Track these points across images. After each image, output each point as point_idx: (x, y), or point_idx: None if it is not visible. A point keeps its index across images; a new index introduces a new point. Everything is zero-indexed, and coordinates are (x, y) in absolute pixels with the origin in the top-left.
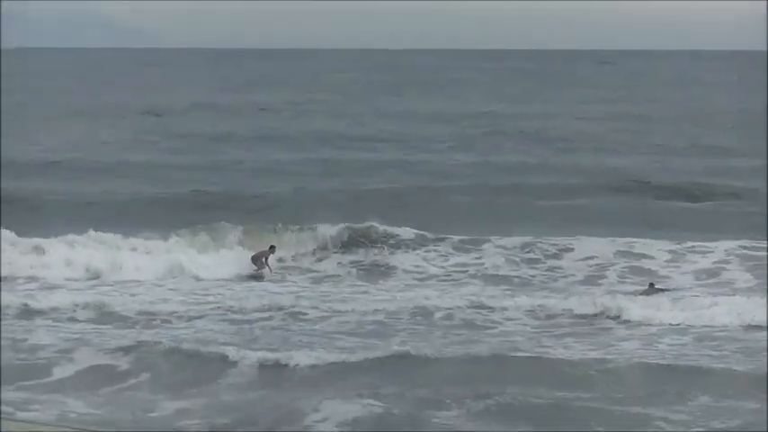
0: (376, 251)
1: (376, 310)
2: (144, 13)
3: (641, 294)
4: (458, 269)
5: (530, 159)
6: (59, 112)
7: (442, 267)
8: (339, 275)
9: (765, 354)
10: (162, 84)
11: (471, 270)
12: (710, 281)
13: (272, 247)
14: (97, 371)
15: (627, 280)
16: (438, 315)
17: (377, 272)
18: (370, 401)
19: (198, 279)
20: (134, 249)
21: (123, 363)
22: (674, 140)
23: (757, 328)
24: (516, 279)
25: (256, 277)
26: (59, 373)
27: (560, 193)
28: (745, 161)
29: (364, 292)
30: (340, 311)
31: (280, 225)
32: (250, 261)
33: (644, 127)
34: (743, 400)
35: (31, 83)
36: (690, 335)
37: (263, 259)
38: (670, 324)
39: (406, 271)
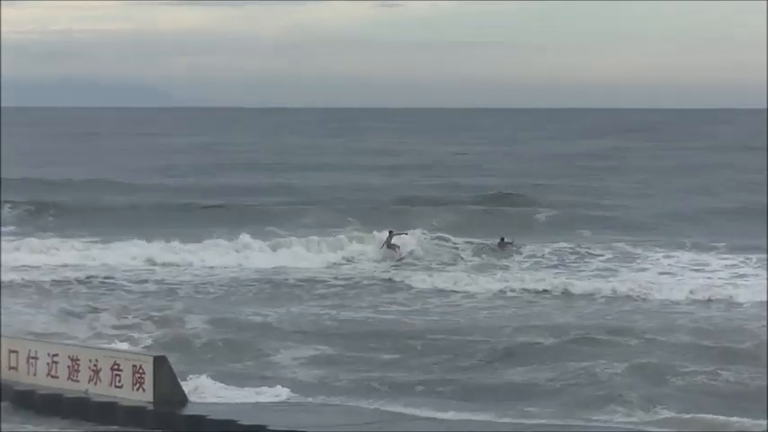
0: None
1: None
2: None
3: (496, 245)
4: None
5: (419, 180)
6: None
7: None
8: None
9: None
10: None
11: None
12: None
13: (391, 232)
14: None
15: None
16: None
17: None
18: None
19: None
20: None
21: None
22: (509, 167)
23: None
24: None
25: (393, 254)
26: None
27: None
28: (554, 181)
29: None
30: None
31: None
32: (385, 246)
33: (488, 159)
34: None
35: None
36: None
37: (392, 242)
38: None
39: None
